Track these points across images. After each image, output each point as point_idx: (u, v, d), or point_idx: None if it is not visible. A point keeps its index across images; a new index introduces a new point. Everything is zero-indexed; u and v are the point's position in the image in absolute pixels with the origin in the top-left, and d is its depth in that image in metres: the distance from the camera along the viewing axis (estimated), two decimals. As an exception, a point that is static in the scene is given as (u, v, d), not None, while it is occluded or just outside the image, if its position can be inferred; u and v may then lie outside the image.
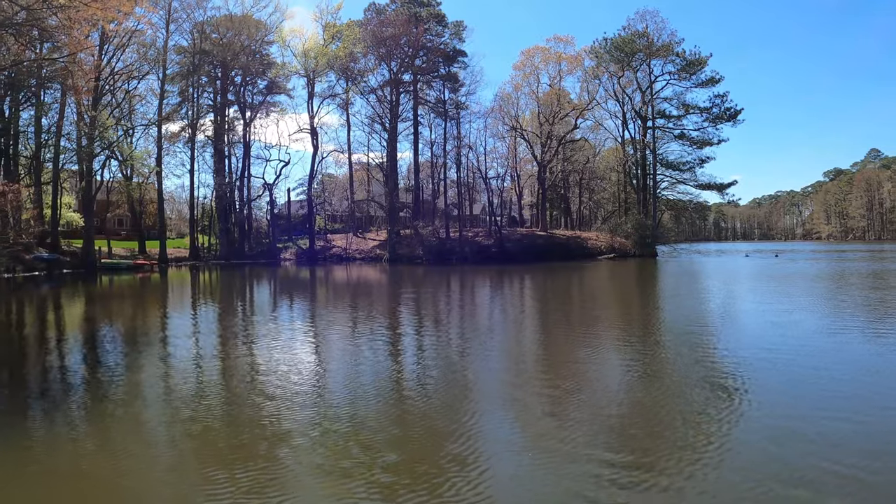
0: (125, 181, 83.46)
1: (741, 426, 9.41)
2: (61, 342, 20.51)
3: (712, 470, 7.70)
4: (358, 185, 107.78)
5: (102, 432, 10.24)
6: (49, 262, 60.87)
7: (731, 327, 20.59)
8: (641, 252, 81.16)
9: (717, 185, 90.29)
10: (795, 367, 13.51)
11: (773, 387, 11.93)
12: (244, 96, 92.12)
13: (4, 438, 9.95)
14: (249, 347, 18.17)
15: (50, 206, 70.26)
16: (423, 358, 16.28)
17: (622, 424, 9.64)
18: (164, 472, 8.24)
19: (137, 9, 50.99)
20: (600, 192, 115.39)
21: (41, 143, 68.71)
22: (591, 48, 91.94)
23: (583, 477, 7.55)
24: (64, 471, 8.49)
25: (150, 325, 25.04)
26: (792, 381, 12.35)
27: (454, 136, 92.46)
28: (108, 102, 71.88)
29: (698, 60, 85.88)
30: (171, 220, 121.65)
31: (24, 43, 42.14)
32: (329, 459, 8.37)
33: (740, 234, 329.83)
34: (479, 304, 31.09)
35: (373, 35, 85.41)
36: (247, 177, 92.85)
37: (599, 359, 15.29)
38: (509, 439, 9.19)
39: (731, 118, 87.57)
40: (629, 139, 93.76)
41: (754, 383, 12.13)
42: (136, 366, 15.85)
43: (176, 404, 11.83)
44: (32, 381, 14.27)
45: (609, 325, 21.56)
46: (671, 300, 31.88)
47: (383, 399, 11.76)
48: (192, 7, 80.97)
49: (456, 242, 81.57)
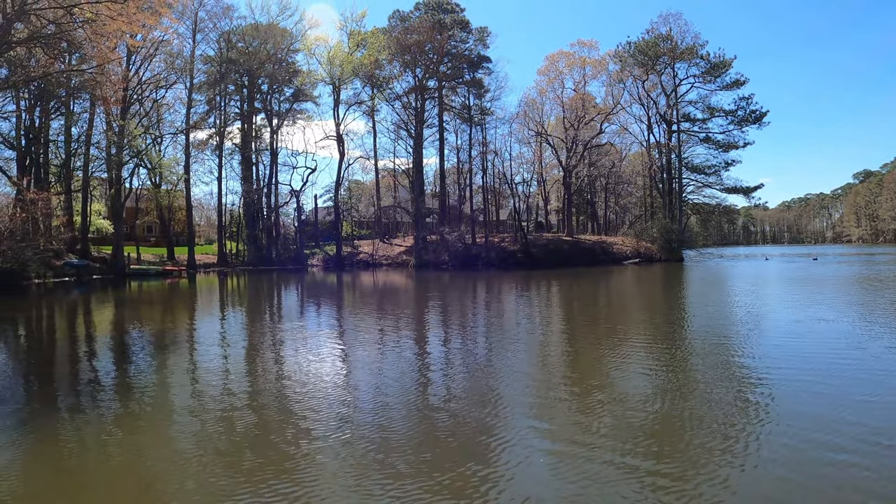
0: (154, 188, 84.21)
1: (768, 437, 9.31)
2: (93, 346, 20.91)
3: (737, 480, 7.72)
4: (385, 192, 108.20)
5: (132, 435, 10.52)
6: (79, 268, 61.72)
7: (761, 334, 20.21)
8: (667, 257, 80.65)
9: (744, 189, 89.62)
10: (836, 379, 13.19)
11: (804, 398, 11.75)
12: (271, 104, 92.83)
13: (41, 434, 10.30)
14: (278, 352, 18.47)
15: (80, 214, 71.32)
16: (451, 363, 16.42)
17: (650, 432, 9.64)
18: (190, 474, 8.48)
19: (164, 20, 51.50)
20: (627, 197, 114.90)
21: (71, 151, 69.97)
22: (615, 52, 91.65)
23: (611, 484, 7.60)
24: (94, 467, 8.87)
25: (180, 330, 25.48)
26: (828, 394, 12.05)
27: (480, 142, 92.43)
28: (136, 111, 72.98)
29: (722, 63, 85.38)
30: (200, 226, 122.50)
31: (52, 55, 42.83)
32: (356, 463, 8.52)
33: (770, 238, 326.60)
34: (505, 310, 30.94)
35: (397, 42, 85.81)
36: (274, 184, 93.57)
37: (627, 367, 15.15)
38: (538, 445, 9.20)
39: (756, 120, 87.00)
40: (654, 143, 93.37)
41: (784, 393, 11.98)
42: (165, 370, 16.19)
43: (204, 408, 12.08)
44: (66, 385, 14.58)
45: (634, 333, 21.38)
46: (698, 307, 31.46)
47: (411, 404, 11.88)
48: (217, 17, 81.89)
49: (482, 248, 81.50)
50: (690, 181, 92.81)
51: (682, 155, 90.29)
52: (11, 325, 28.53)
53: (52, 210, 62.31)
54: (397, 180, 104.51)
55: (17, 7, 35.93)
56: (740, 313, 26.59)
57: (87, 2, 36.56)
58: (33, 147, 65.26)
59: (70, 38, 40.83)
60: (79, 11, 37.53)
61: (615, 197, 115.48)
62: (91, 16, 37.49)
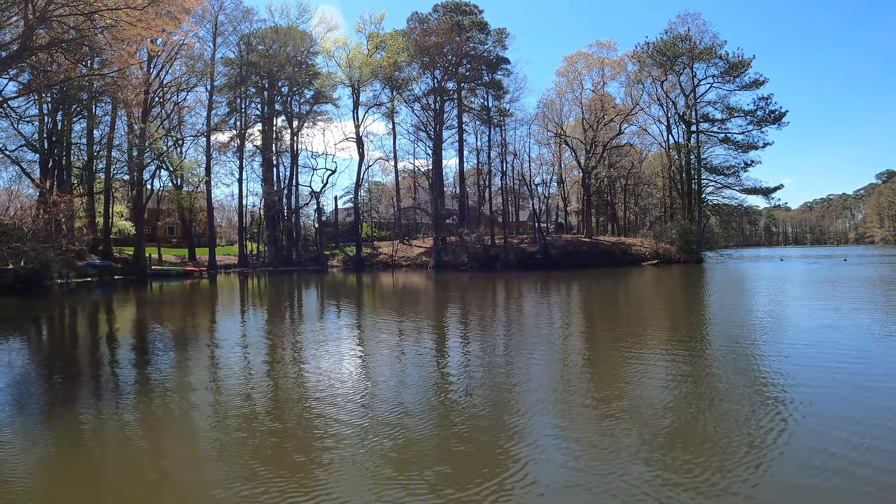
0: (175, 190, 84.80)
1: (791, 445, 9.02)
2: (114, 346, 21.28)
3: (757, 484, 7.62)
4: (404, 193, 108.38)
5: (152, 431, 10.86)
6: (101, 269, 62.45)
7: (784, 338, 19.71)
8: (686, 258, 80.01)
9: (763, 190, 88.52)
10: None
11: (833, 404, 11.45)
12: (291, 106, 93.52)
13: (62, 430, 10.66)
14: (298, 352, 18.69)
15: (102, 215, 72.10)
16: (469, 364, 16.48)
17: (669, 437, 9.46)
18: (210, 475, 8.63)
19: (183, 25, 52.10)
20: (647, 198, 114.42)
21: (93, 154, 70.83)
22: (633, 53, 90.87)
23: (631, 490, 7.50)
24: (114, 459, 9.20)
25: (201, 330, 25.81)
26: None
27: (499, 144, 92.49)
28: (157, 114, 73.89)
29: (741, 63, 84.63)
30: (221, 227, 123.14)
31: (73, 60, 43.43)
32: (375, 466, 8.49)
33: (792, 239, 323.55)
34: (524, 312, 30.90)
35: (416, 44, 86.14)
36: (294, 185, 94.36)
37: (646, 370, 14.77)
38: (557, 449, 9.13)
39: (775, 121, 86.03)
40: (673, 144, 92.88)
41: (808, 400, 11.53)
42: (186, 369, 16.49)
43: (223, 407, 12.33)
44: (88, 384, 14.92)
45: (652, 336, 21.15)
46: (717, 310, 31.33)
47: (429, 405, 11.92)
48: (237, 20, 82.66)
49: (501, 249, 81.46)
50: (709, 182, 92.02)
51: (702, 156, 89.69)
52: (34, 325, 29.02)
53: (75, 212, 63.09)
54: (417, 182, 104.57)
55: (39, 14, 36.50)
56: (762, 316, 26.08)
57: (106, 8, 37.12)
58: (56, 150, 66.11)
59: (91, 42, 41.46)
60: (99, 17, 38.13)
61: (635, 198, 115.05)
62: (111, 21, 38.08)
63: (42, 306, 37.30)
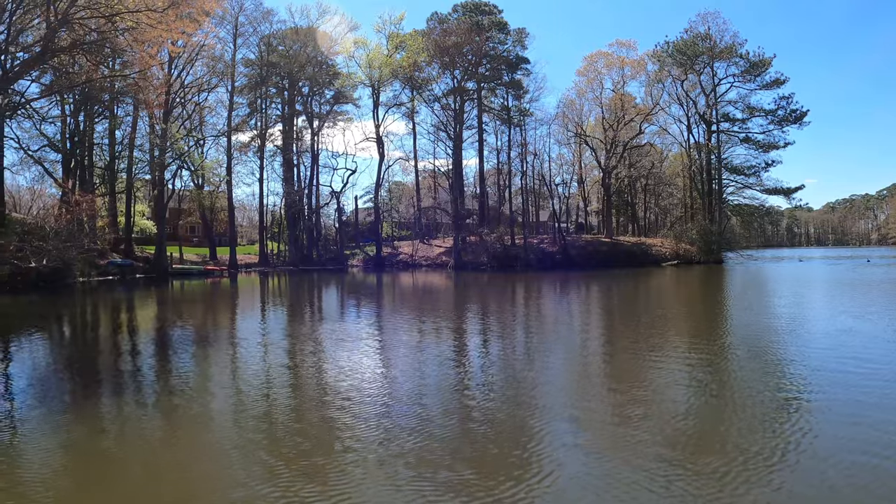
0: (196, 190, 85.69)
1: (813, 452, 8.82)
2: (135, 342, 21.39)
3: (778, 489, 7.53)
4: (425, 193, 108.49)
5: (171, 425, 10.91)
6: (122, 268, 62.98)
7: (805, 340, 19.43)
8: (706, 259, 79.70)
9: (784, 190, 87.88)
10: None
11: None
12: (311, 106, 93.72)
13: (81, 422, 10.66)
14: (318, 351, 18.73)
15: (124, 214, 72.86)
16: (489, 364, 16.47)
17: (690, 441, 9.37)
18: (229, 473, 8.65)
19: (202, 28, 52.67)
20: (667, 198, 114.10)
21: (115, 154, 71.63)
22: (653, 52, 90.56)
23: (652, 492, 7.46)
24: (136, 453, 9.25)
25: (221, 328, 26.05)
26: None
27: (519, 143, 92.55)
28: (178, 114, 74.49)
29: (762, 62, 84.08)
30: (242, 227, 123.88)
31: (95, 62, 43.92)
32: (396, 468, 8.42)
33: (814, 240, 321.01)
34: (543, 312, 30.83)
35: (436, 44, 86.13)
36: (315, 185, 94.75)
37: (667, 375, 14.23)
38: (577, 450, 9.06)
39: (796, 120, 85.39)
40: (694, 144, 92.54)
41: (828, 402, 11.40)
42: (206, 365, 16.68)
43: (244, 406, 12.33)
44: (109, 378, 14.98)
45: (672, 338, 21.06)
46: (738, 312, 31.20)
47: (448, 405, 11.90)
48: (257, 21, 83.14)
49: (520, 249, 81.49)
50: (730, 182, 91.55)
51: (722, 155, 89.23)
52: (57, 321, 29.31)
53: (97, 211, 63.65)
54: (437, 181, 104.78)
55: (61, 16, 36.92)
56: (783, 320, 25.31)
57: (126, 11, 37.56)
58: (78, 150, 66.80)
59: (112, 44, 41.97)
60: (120, 20, 38.56)
61: (655, 198, 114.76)
62: (132, 24, 38.55)
63: (64, 304, 37.62)
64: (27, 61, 41.18)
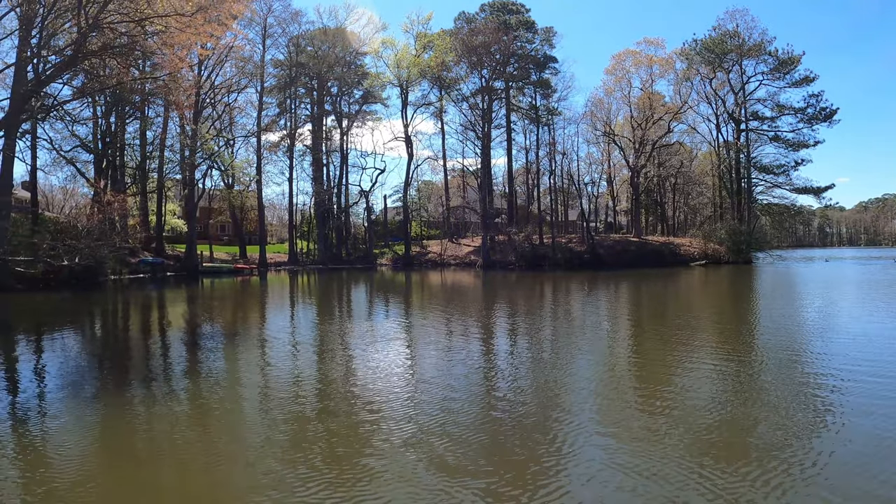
0: (226, 189, 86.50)
1: (848, 457, 8.67)
2: (165, 337, 21.68)
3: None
4: (454, 192, 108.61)
5: (200, 427, 11.14)
6: (153, 266, 64.05)
7: (834, 343, 18.97)
8: (735, 259, 78.96)
9: (814, 189, 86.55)
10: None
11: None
12: (340, 106, 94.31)
13: (110, 413, 10.91)
14: (346, 348, 18.99)
15: (155, 213, 73.74)
16: (517, 363, 16.56)
17: (717, 442, 9.32)
18: (254, 473, 8.71)
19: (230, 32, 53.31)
20: (697, 197, 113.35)
21: (146, 154, 72.65)
22: (681, 50, 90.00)
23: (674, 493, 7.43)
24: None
25: (251, 325, 26.41)
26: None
27: (547, 143, 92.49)
28: (208, 115, 75.23)
29: (791, 59, 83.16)
30: (272, 225, 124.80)
31: (125, 64, 44.58)
32: (424, 473, 8.37)
33: (846, 240, 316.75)
34: (571, 312, 30.72)
35: (463, 44, 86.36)
36: (344, 184, 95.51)
37: (696, 378, 14.03)
38: (603, 451, 9.02)
39: (826, 118, 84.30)
40: (723, 142, 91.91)
41: (859, 408, 11.14)
42: (235, 361, 16.99)
43: (271, 405, 12.45)
44: (138, 372, 15.23)
45: (700, 339, 20.89)
46: (767, 313, 30.94)
47: (476, 403, 11.93)
48: (286, 22, 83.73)
49: (548, 248, 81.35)
50: (759, 181, 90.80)
51: (751, 154, 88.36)
52: (89, 317, 29.87)
53: (128, 210, 64.41)
54: (466, 181, 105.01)
55: (91, 21, 37.56)
56: (813, 322, 24.97)
57: (156, 15, 38.15)
58: (110, 150, 67.71)
59: (142, 47, 42.63)
60: (149, 24, 39.21)
61: (684, 197, 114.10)
62: (161, 28, 39.16)
63: (96, 300, 38.22)
64: (59, 65, 41.88)
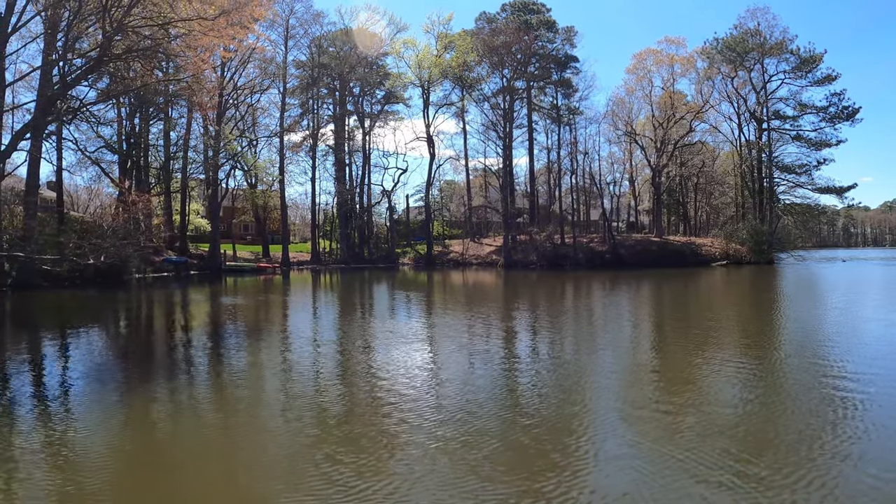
0: (250, 189, 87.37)
1: (872, 463, 8.42)
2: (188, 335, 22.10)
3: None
4: (475, 191, 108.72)
5: (222, 427, 11.58)
6: (177, 265, 64.80)
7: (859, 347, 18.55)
8: (757, 259, 78.39)
9: (836, 189, 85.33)
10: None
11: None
12: (362, 106, 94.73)
13: (133, 408, 11.30)
14: (369, 346, 19.14)
15: (179, 213, 74.60)
16: (538, 362, 16.57)
17: (742, 448, 9.06)
18: (275, 471, 8.80)
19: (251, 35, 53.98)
20: (719, 197, 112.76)
21: (170, 154, 73.55)
22: (702, 49, 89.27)
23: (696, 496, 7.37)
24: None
25: (274, 323, 26.82)
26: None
27: (569, 142, 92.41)
28: (231, 116, 75.98)
29: (813, 58, 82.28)
30: (295, 225, 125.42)
31: (149, 67, 45.25)
32: (439, 458, 8.64)
33: (871, 240, 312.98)
34: (593, 312, 30.85)
35: (484, 44, 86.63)
36: (366, 184, 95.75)
37: (718, 380, 13.85)
38: (624, 455, 8.85)
39: (848, 117, 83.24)
40: (745, 142, 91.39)
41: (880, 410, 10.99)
42: (257, 359, 17.30)
43: (292, 404, 12.47)
44: (162, 368, 15.64)
45: (724, 341, 20.75)
46: (789, 317, 30.83)
47: (498, 403, 11.96)
48: (308, 23, 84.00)
49: (570, 248, 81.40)
50: (781, 181, 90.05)
51: (773, 154, 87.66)
52: (113, 315, 30.44)
53: (153, 210, 65.19)
54: (488, 180, 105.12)
55: (116, 24, 38.18)
56: (836, 324, 24.18)
57: (179, 19, 38.75)
58: (134, 151, 68.74)
59: (166, 50, 43.27)
60: (172, 27, 39.86)
61: (707, 197, 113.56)
62: (184, 31, 39.78)
63: (121, 298, 38.80)
64: (84, 68, 42.58)
